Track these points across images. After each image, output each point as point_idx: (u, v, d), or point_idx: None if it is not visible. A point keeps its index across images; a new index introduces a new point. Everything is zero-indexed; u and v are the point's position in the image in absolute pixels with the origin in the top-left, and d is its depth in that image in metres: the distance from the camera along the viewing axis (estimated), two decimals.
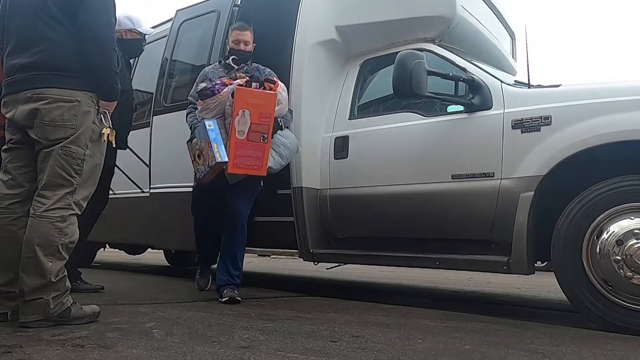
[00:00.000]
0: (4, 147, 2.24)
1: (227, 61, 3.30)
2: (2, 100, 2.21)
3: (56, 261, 2.02)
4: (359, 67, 3.67)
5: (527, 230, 2.59)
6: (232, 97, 2.93)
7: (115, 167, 3.65)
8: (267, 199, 4.47)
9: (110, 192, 4.63)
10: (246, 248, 4.07)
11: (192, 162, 3.05)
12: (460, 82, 2.97)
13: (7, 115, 2.18)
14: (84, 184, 2.12)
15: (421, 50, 3.05)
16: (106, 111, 2.21)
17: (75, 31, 2.08)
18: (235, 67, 3.26)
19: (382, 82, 3.52)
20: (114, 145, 2.33)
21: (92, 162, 2.15)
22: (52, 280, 2.00)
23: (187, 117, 3.34)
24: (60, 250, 2.03)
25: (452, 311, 2.81)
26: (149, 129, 4.50)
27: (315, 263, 3.59)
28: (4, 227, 2.11)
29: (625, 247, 2.31)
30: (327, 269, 4.26)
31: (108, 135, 2.19)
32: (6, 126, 2.24)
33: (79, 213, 2.13)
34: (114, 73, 2.17)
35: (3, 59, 2.23)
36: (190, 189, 3.45)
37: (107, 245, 5.91)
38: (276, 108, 2.98)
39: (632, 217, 2.34)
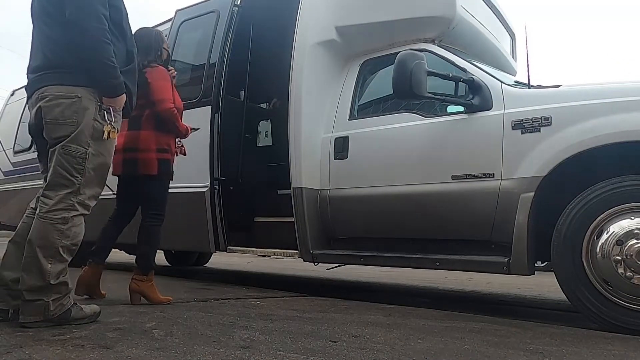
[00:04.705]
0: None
1: None
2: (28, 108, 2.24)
3: (56, 263, 2.01)
4: (359, 67, 3.67)
5: (527, 230, 2.59)
6: None
7: None
8: (267, 200, 4.49)
9: (110, 192, 4.64)
10: (246, 248, 4.10)
11: None
12: (460, 83, 2.97)
13: (30, 122, 2.20)
14: (88, 183, 2.08)
15: (421, 50, 3.05)
16: (110, 107, 2.12)
17: (66, 27, 2.02)
18: None
19: (382, 83, 3.52)
20: (115, 143, 2.26)
21: (96, 160, 2.09)
22: (52, 282, 1.99)
23: None
24: (61, 252, 2.01)
25: (452, 311, 2.81)
26: None
27: (315, 263, 3.59)
28: (29, 227, 2.09)
29: (625, 247, 2.31)
30: (327, 269, 4.26)
31: (109, 132, 2.11)
32: (29, 132, 2.26)
33: (86, 213, 2.10)
34: (109, 67, 2.04)
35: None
36: (190, 190, 3.44)
37: None
38: None
39: (632, 217, 2.34)
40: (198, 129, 3.36)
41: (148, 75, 2.80)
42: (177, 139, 2.99)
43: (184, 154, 3.06)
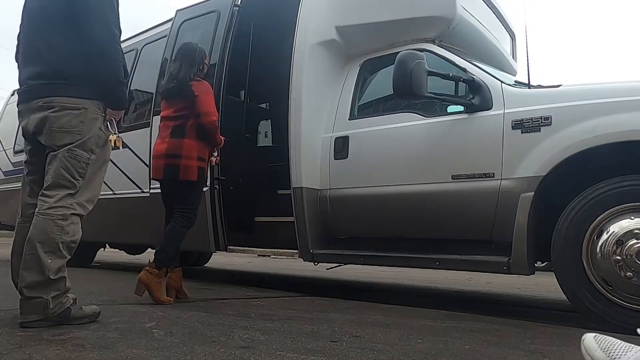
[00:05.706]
0: (25, 159, 2.30)
1: None
2: (18, 110, 2.27)
3: (56, 259, 2.02)
4: (359, 67, 3.67)
5: (527, 230, 2.59)
6: None
7: (116, 167, 3.67)
8: (267, 200, 4.49)
9: (111, 192, 4.63)
10: (246, 248, 4.10)
11: None
12: (460, 83, 2.97)
13: (21, 125, 2.24)
14: (87, 186, 2.15)
15: (421, 50, 3.05)
16: (112, 119, 2.25)
17: (80, 41, 2.11)
18: None
19: (382, 83, 3.52)
20: (121, 150, 2.35)
21: (96, 166, 2.18)
22: (51, 277, 2.00)
23: None
24: (61, 248, 2.04)
25: (452, 311, 2.81)
26: (149, 129, 4.50)
27: (315, 263, 3.59)
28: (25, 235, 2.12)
29: (625, 247, 2.31)
30: (327, 269, 4.26)
31: (115, 141, 2.24)
32: (20, 135, 2.29)
33: (83, 214, 2.14)
34: (121, 83, 2.20)
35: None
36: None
37: (107, 245, 5.91)
38: None
39: (632, 217, 2.34)
40: (227, 139, 3.46)
41: (194, 88, 2.99)
42: (213, 150, 3.20)
43: (217, 165, 3.23)
